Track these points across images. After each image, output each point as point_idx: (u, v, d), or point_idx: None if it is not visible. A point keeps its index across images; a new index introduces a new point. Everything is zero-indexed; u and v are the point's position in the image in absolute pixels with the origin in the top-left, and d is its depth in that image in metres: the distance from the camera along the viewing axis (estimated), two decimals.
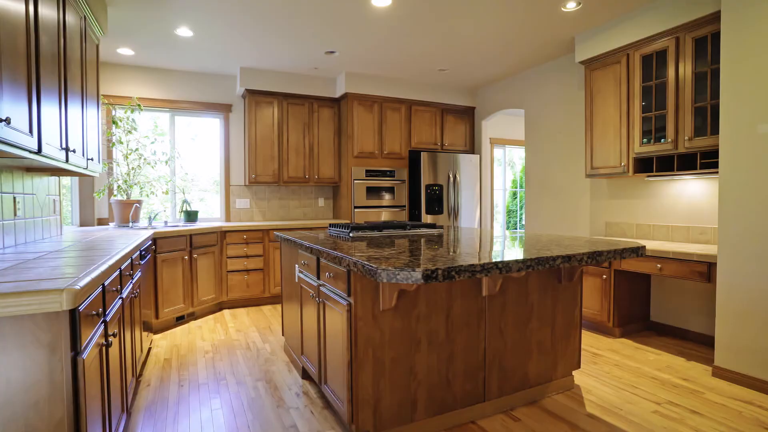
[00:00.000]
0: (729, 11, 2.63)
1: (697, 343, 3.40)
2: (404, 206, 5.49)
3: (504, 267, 1.71)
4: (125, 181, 4.24)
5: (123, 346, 2.07)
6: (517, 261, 1.74)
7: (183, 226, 4.28)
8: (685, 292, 3.48)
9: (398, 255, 1.87)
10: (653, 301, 3.73)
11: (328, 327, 2.22)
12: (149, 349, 3.38)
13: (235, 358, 3.17)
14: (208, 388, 2.65)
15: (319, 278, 2.38)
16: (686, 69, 3.12)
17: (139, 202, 4.23)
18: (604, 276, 3.51)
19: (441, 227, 3.36)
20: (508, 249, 2.08)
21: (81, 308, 1.32)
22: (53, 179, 3.06)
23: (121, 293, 2.06)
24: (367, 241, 2.45)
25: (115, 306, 1.89)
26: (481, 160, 5.82)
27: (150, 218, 4.38)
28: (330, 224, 3.33)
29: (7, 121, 1.51)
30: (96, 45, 3.02)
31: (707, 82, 3.00)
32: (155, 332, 3.76)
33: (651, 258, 3.15)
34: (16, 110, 1.64)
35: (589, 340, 3.48)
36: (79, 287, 1.26)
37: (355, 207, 5.23)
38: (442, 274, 1.56)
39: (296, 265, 2.79)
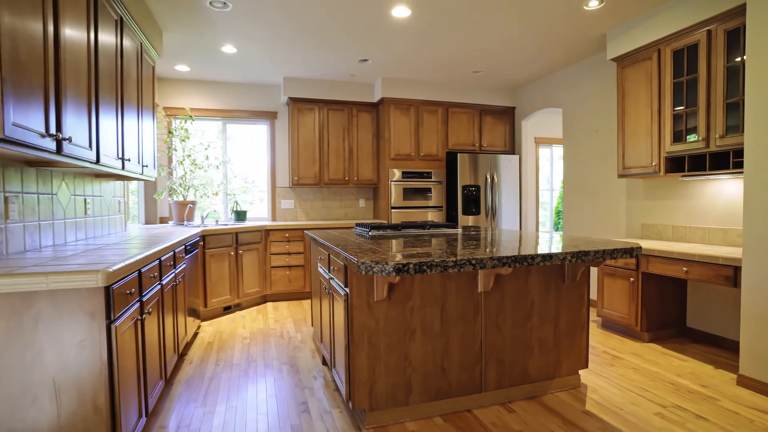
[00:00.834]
0: (754, 4, 2.50)
1: (733, 351, 3.20)
2: (441, 207, 5.60)
3: (478, 263, 1.83)
4: (180, 184, 4.77)
5: (162, 324, 2.44)
6: (491, 258, 1.85)
7: (232, 225, 4.73)
8: (723, 298, 3.29)
9: (398, 251, 2.05)
10: (690, 306, 3.56)
11: (335, 316, 2.45)
12: (196, 333, 3.82)
13: (268, 344, 3.50)
14: (239, 368, 2.99)
15: (329, 272, 2.61)
16: (718, 63, 2.97)
17: (193, 203, 4.74)
18: (632, 279, 3.42)
19: (459, 228, 3.47)
20: (505, 247, 2.17)
21: (114, 287, 1.65)
22: (119, 183, 3.58)
23: (160, 280, 2.43)
24: (383, 240, 2.64)
25: (153, 290, 2.25)
26: (521, 161, 5.78)
27: (202, 217, 4.89)
28: (356, 224, 3.56)
29: (69, 139, 1.90)
30: (152, 66, 3.50)
31: (739, 76, 2.85)
32: (203, 319, 4.23)
33: (677, 261, 3.04)
34: (78, 129, 2.04)
35: (613, 342, 3.40)
36: (111, 270, 1.59)
37: (392, 207, 5.43)
38: (414, 267, 1.72)
39: (317, 261, 3.05)
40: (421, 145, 5.50)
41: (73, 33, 2.00)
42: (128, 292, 1.81)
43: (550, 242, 2.44)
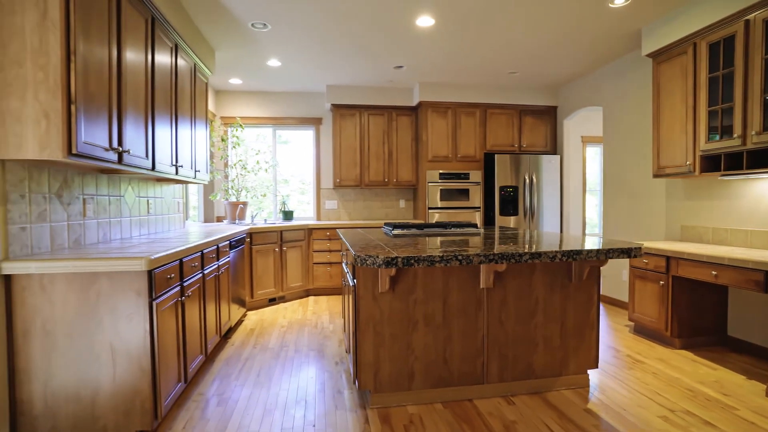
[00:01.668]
0: None
1: None
2: (478, 207, 5.66)
3: (464, 258, 1.98)
4: (232, 187, 5.29)
5: (203, 307, 2.83)
6: (477, 255, 1.99)
7: (278, 224, 5.16)
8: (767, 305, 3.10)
9: (407, 248, 2.25)
10: (731, 313, 3.37)
11: (349, 306, 2.69)
12: (241, 320, 4.26)
13: (302, 333, 3.83)
14: (272, 351, 3.34)
15: (345, 266, 2.86)
16: (755, 56, 2.83)
17: (244, 203, 5.23)
18: (661, 282, 3.31)
19: (479, 228, 3.57)
20: (509, 246, 2.29)
21: (156, 271, 2.02)
22: (178, 186, 4.09)
23: (202, 270, 2.82)
24: (403, 238, 2.85)
25: (194, 277, 2.63)
26: (563, 161, 5.67)
27: (252, 216, 5.37)
28: (384, 223, 3.78)
29: (128, 151, 2.32)
30: (205, 82, 3.97)
31: None
32: (249, 309, 4.67)
33: (706, 264, 2.92)
34: (136, 141, 2.47)
35: (640, 347, 3.32)
36: (152, 258, 1.95)
37: (429, 208, 5.59)
38: (402, 261, 1.92)
39: (341, 257, 3.32)
40: (458, 146, 5.60)
41: (133, 60, 2.43)
42: (169, 276, 2.19)
43: (560, 242, 2.50)
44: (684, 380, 2.71)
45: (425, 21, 3.57)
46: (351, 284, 2.43)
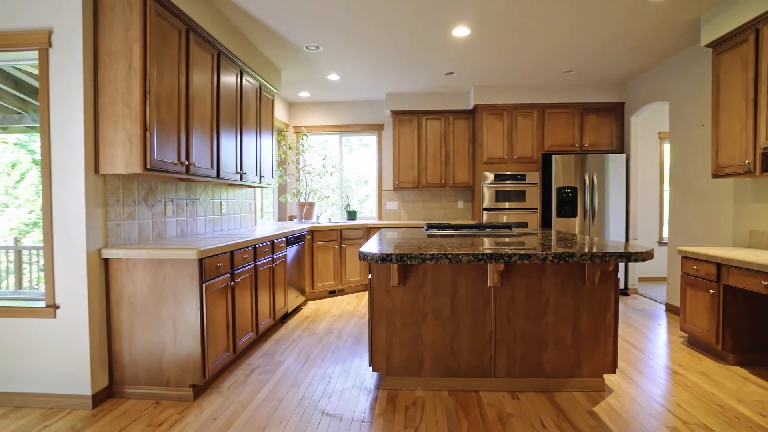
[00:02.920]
0: None
1: None
2: (535, 209, 5.58)
3: (453, 258, 2.17)
4: (298, 190, 5.89)
5: (254, 293, 3.34)
6: (467, 254, 2.17)
7: (340, 223, 5.64)
8: None
9: (421, 246, 2.52)
10: None
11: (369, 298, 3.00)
12: (300, 308, 4.79)
13: (349, 322, 4.23)
14: (318, 336, 3.78)
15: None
16: None
17: (311, 204, 5.81)
18: (711, 291, 3.09)
19: (524, 228, 3.63)
20: (515, 247, 2.42)
21: (206, 260, 2.53)
22: (250, 190, 4.75)
23: (254, 261, 3.34)
24: (435, 238, 3.10)
25: (245, 267, 3.15)
26: (630, 160, 5.35)
27: (317, 215, 5.93)
28: (426, 224, 4.03)
29: (194, 164, 2.89)
30: (271, 99, 4.56)
31: None
32: (309, 299, 5.21)
33: (756, 273, 2.69)
34: (202, 154, 3.05)
35: (684, 358, 3.13)
36: (202, 249, 2.47)
37: (484, 209, 5.66)
38: (395, 258, 2.18)
39: None
40: (514, 147, 5.58)
41: (200, 89, 3.01)
42: (218, 265, 2.70)
43: (577, 245, 2.54)
44: (718, 396, 2.56)
45: (461, 31, 3.73)
46: (369, 278, 2.74)
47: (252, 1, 3.13)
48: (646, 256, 2.18)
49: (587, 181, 5.30)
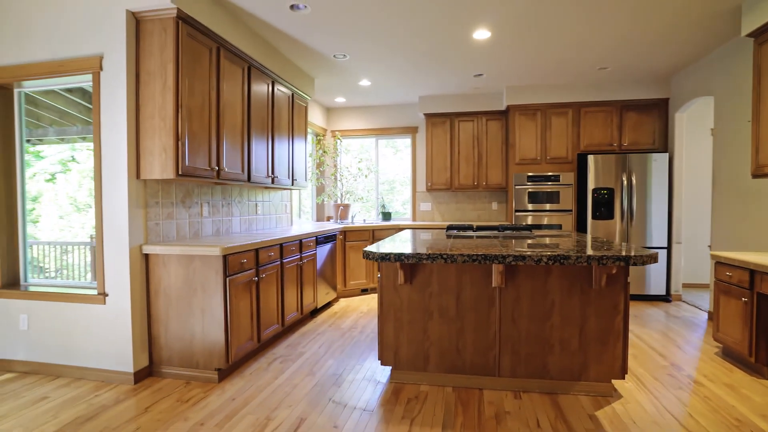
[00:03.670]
0: None
1: None
2: (570, 210, 5.44)
3: (448, 258, 2.26)
4: (334, 191, 6.15)
5: (281, 288, 3.60)
6: (461, 255, 2.25)
7: (373, 223, 5.82)
8: None
9: (431, 246, 2.65)
10: None
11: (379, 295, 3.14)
12: (331, 304, 5.03)
13: (373, 319, 4.39)
14: (341, 331, 3.97)
15: None
16: None
17: (345, 205, 6.04)
18: (744, 299, 2.91)
19: (533, 230, 3.61)
20: (519, 249, 2.47)
21: (229, 256, 2.80)
22: (286, 192, 5.05)
23: (281, 258, 3.59)
24: (455, 239, 3.20)
25: (271, 264, 3.41)
26: (674, 159, 5.07)
27: (352, 216, 6.16)
28: (448, 225, 4.10)
29: (224, 169, 3.19)
30: (304, 105, 4.83)
31: None
32: (341, 296, 5.43)
33: None
34: (233, 160, 3.34)
35: (713, 369, 2.98)
36: (225, 246, 2.74)
37: (516, 211, 5.60)
38: (394, 257, 2.31)
39: None
40: (548, 148, 5.48)
41: (230, 101, 3.31)
42: (242, 261, 2.97)
43: (580, 248, 2.53)
44: (739, 410, 2.43)
45: (482, 34, 3.77)
46: (379, 277, 2.88)
47: (279, 18, 3.38)
48: (646, 259, 2.14)
49: (625, 182, 5.09)
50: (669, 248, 5.11)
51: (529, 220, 5.52)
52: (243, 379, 2.83)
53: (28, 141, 3.51)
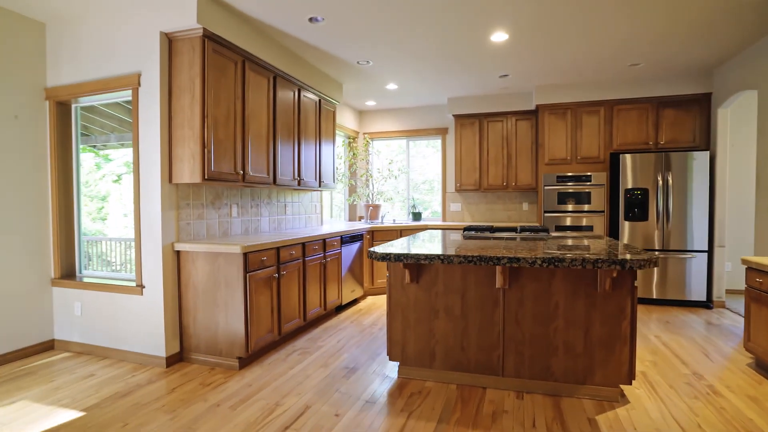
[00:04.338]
0: None
1: None
2: (602, 211, 5.27)
3: (445, 259, 2.34)
4: (360, 192, 6.32)
5: (302, 284, 3.80)
6: (458, 256, 2.32)
7: (401, 224, 5.94)
8: None
9: (442, 247, 2.75)
10: None
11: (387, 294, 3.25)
12: (357, 301, 5.20)
13: None
14: (361, 326, 4.13)
15: None
16: None
17: (375, 206, 6.20)
18: None
19: (551, 232, 3.57)
20: (522, 251, 2.52)
21: (249, 254, 3.03)
22: (316, 193, 5.28)
23: (303, 257, 3.80)
24: (470, 240, 3.28)
25: (293, 261, 3.62)
26: (716, 158, 4.78)
27: (382, 216, 6.31)
28: (465, 226, 4.15)
29: (248, 173, 3.44)
30: (332, 110, 5.03)
31: None
32: (368, 294, 5.59)
33: None
34: (259, 163, 3.59)
35: (739, 380, 2.83)
36: (245, 245, 2.97)
37: (545, 212, 5.50)
38: (394, 257, 2.42)
39: None
40: (579, 147, 5.34)
41: (256, 109, 3.55)
42: (263, 258, 3.19)
43: (587, 250, 2.53)
44: (757, 423, 2.32)
45: (499, 36, 3.78)
46: (387, 275, 3.00)
47: (299, 30, 3.59)
48: (643, 263, 2.11)
49: (660, 182, 4.86)
50: (710, 252, 4.83)
51: (559, 221, 5.40)
52: (262, 368, 3.06)
53: (94, 146, 3.97)
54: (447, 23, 3.50)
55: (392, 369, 3.05)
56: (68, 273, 3.53)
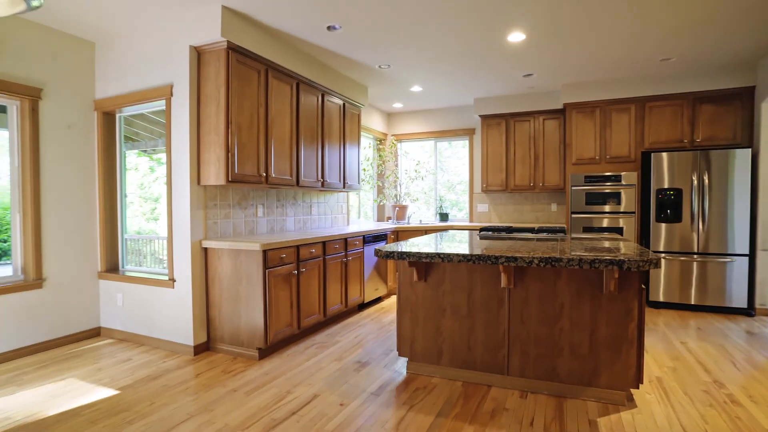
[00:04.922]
0: None
1: None
2: (633, 212, 5.10)
3: (445, 257, 2.41)
4: (386, 193, 6.44)
5: (323, 281, 3.97)
6: (457, 254, 2.38)
7: (427, 224, 6.01)
8: None
9: (453, 247, 2.84)
10: None
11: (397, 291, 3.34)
12: (380, 299, 5.33)
13: None
14: (379, 323, 4.25)
15: None
16: None
17: (402, 206, 6.30)
18: None
19: (567, 233, 3.54)
20: (528, 251, 2.55)
21: (269, 251, 3.23)
22: (343, 194, 5.46)
23: (323, 255, 3.97)
24: (486, 240, 3.34)
25: (313, 259, 3.79)
26: (758, 155, 4.50)
27: (408, 217, 6.40)
28: (482, 227, 4.17)
29: (271, 175, 3.65)
30: (357, 114, 5.19)
31: None
32: (392, 293, 5.70)
33: None
34: (282, 165, 3.80)
35: (765, 390, 2.69)
36: (264, 242, 3.17)
37: (572, 213, 5.39)
38: (397, 255, 2.52)
39: None
40: (608, 146, 5.19)
41: (278, 115, 3.76)
42: (282, 256, 3.39)
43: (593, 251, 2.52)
44: None
45: (516, 36, 3.78)
46: (397, 274, 3.10)
47: (319, 38, 3.76)
48: (642, 264, 2.09)
49: (695, 181, 4.64)
50: (752, 256, 4.55)
51: (588, 223, 5.27)
52: (280, 359, 3.25)
53: (144, 151, 4.34)
54: (461, 27, 3.55)
55: (402, 365, 3.15)
56: (112, 267, 3.89)
